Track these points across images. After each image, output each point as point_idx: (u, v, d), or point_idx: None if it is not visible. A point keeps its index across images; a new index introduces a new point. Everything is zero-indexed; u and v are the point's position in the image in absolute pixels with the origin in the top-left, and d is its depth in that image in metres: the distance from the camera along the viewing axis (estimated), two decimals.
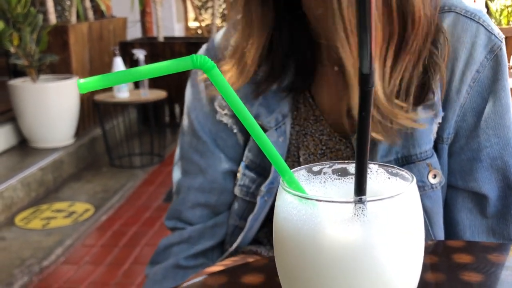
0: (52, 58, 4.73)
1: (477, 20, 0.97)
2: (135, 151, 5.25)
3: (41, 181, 4.33)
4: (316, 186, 0.57)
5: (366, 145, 0.46)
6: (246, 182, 1.08)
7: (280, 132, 1.03)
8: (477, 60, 0.96)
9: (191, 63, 0.45)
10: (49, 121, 4.73)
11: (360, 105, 0.43)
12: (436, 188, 0.99)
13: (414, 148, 0.97)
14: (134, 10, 6.34)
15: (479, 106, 0.98)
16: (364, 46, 0.39)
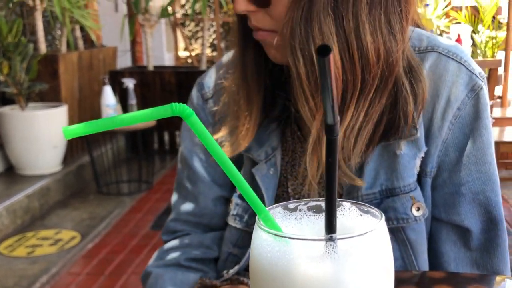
0: (41, 87, 4.76)
1: (459, 60, 1.01)
2: (123, 178, 5.25)
3: (27, 209, 4.32)
4: (292, 223, 0.60)
5: (334, 187, 0.50)
6: (239, 211, 1.10)
7: (270, 164, 1.06)
8: (458, 98, 0.99)
9: (170, 111, 0.48)
10: (37, 149, 4.74)
11: (327, 152, 0.47)
12: (419, 221, 1.01)
13: (398, 181, 1.00)
14: (124, 39, 6.40)
15: (461, 142, 1.01)
16: (327, 100, 0.44)
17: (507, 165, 4.96)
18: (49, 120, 4.80)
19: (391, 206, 1.00)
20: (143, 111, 0.49)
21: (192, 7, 6.19)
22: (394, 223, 1.00)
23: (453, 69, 1.00)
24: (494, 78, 3.24)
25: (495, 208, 1.02)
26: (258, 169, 1.06)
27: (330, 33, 0.90)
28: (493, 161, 1.03)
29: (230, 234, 1.12)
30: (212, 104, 1.15)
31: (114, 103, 4.90)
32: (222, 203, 1.16)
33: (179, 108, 0.48)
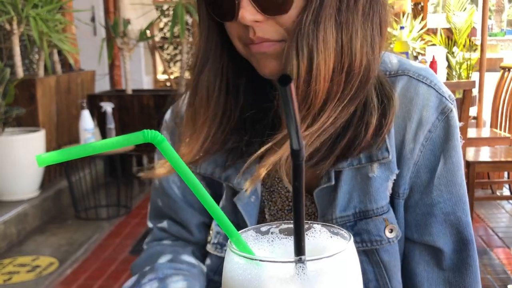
0: (18, 111, 4.73)
1: (429, 83, 1.03)
2: (102, 203, 5.21)
3: (3, 235, 4.26)
4: (264, 245, 0.61)
5: (301, 210, 0.51)
6: (220, 240, 1.10)
7: (251, 193, 1.06)
8: (429, 120, 1.01)
9: (142, 137, 0.49)
10: (14, 174, 4.69)
11: (293, 176, 0.48)
12: (393, 242, 1.02)
13: (371, 204, 1.01)
14: (102, 63, 6.40)
15: (432, 163, 1.03)
16: (292, 127, 0.45)
17: (483, 184, 5.03)
18: (27, 145, 4.76)
19: (365, 229, 1.01)
20: (116, 138, 0.49)
21: (170, 31, 6.23)
22: (368, 245, 1.01)
23: (423, 92, 1.02)
24: (468, 99, 3.29)
25: (466, 228, 1.04)
26: (239, 198, 1.06)
27: (332, 39, 0.92)
28: (463, 182, 1.05)
29: (211, 262, 1.12)
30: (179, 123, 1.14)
31: (92, 127, 4.88)
32: (206, 229, 1.15)
33: (150, 134, 0.49)
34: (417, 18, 6.64)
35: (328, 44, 0.92)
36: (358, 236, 1.02)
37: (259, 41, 0.94)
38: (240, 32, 0.96)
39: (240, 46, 0.99)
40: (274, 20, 0.93)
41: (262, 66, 0.97)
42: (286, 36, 0.94)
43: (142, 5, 6.34)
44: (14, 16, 4.98)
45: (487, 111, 5.18)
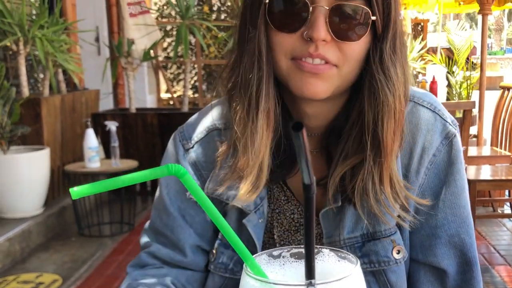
0: (23, 130, 4.78)
1: (433, 109, 1.08)
2: (105, 220, 5.24)
3: (7, 252, 4.29)
4: (276, 269, 0.65)
5: (312, 237, 0.56)
6: (224, 259, 1.10)
7: (259, 214, 1.08)
8: (433, 145, 1.06)
9: (167, 170, 0.54)
10: (19, 192, 4.73)
11: (305, 208, 0.54)
12: (400, 263, 1.05)
13: (379, 225, 1.04)
14: (106, 82, 6.48)
15: (437, 186, 1.07)
16: (303, 164, 0.51)
17: (484, 202, 5.06)
18: (32, 163, 4.81)
19: (373, 250, 1.04)
20: (143, 172, 0.54)
21: (174, 51, 6.31)
22: (375, 266, 1.04)
23: (428, 117, 1.07)
24: (468, 119, 3.35)
25: (469, 250, 1.07)
26: (249, 220, 1.07)
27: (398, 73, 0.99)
28: (467, 204, 1.08)
29: (213, 282, 1.13)
30: (193, 155, 1.14)
31: (96, 146, 4.93)
32: (200, 252, 1.14)
33: (174, 168, 0.54)
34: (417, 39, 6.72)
35: (397, 79, 0.98)
36: (366, 257, 1.04)
37: (318, 57, 0.96)
38: (295, 46, 0.97)
39: (286, 60, 0.99)
40: (338, 44, 0.96)
41: (306, 84, 0.98)
42: (343, 63, 0.97)
43: (146, 26, 6.43)
44: (20, 37, 5.06)
45: (487, 130, 5.23)
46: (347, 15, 0.95)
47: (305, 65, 0.97)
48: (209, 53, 8.51)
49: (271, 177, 1.07)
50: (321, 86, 0.98)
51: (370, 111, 0.99)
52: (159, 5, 9.68)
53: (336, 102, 1.07)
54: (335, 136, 1.07)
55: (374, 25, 0.97)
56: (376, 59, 0.98)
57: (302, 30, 0.96)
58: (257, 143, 1.01)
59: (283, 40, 0.98)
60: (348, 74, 1.00)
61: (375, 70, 0.98)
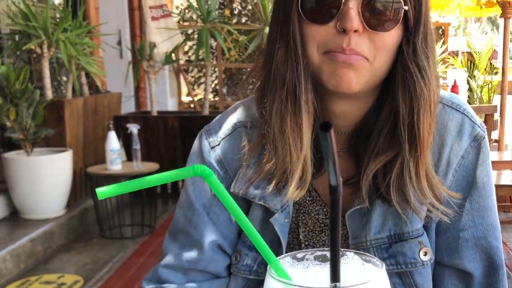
0: (47, 132, 4.84)
1: (462, 111, 1.07)
2: (126, 222, 5.28)
3: (30, 253, 4.35)
4: (299, 271, 0.65)
5: (337, 239, 0.56)
6: (248, 261, 1.10)
7: (285, 214, 1.07)
8: (462, 147, 1.05)
9: (192, 171, 0.55)
10: (42, 193, 4.79)
11: (331, 209, 0.54)
12: (426, 265, 1.04)
13: (407, 226, 1.03)
14: (128, 85, 6.54)
15: (464, 188, 1.06)
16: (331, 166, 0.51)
17: (505, 208, 4.99)
18: (54, 165, 4.87)
19: (400, 251, 1.03)
20: (169, 173, 0.55)
21: (195, 54, 6.34)
22: (402, 267, 1.03)
23: (457, 119, 1.06)
24: (490, 123, 3.32)
25: (496, 253, 1.06)
26: (276, 219, 1.06)
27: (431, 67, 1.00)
28: (494, 207, 1.08)
29: (236, 285, 1.12)
30: (219, 151, 1.14)
31: (118, 148, 4.98)
32: (220, 252, 1.14)
33: (200, 169, 0.55)
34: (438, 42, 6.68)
35: (431, 72, 0.99)
36: (392, 259, 1.04)
37: (350, 53, 0.96)
38: (327, 38, 0.98)
39: (318, 55, 0.99)
40: (370, 35, 0.96)
41: (339, 76, 0.98)
42: (374, 56, 0.98)
43: (168, 29, 6.47)
44: (44, 40, 5.13)
45: (509, 135, 5.17)
46: (379, 5, 0.95)
47: (340, 57, 0.97)
48: (229, 57, 8.54)
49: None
50: (354, 78, 0.98)
51: (405, 105, 1.00)
52: (180, 8, 9.74)
53: (365, 101, 1.07)
54: (364, 135, 1.06)
55: (406, 17, 0.97)
56: (410, 52, 0.99)
57: (334, 21, 0.96)
58: (302, 136, 1.01)
59: (316, 32, 0.98)
60: (379, 67, 1.00)
61: (409, 63, 0.98)
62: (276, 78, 1.02)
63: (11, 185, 4.81)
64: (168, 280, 1.14)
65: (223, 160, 1.13)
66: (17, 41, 5.36)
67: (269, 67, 1.04)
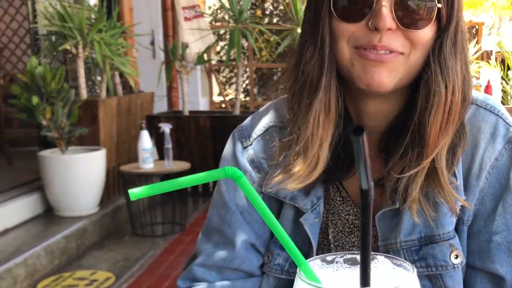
0: (81, 131, 4.92)
1: (496, 113, 1.05)
2: (157, 220, 5.33)
3: (64, 249, 4.42)
4: (329, 274, 0.65)
5: (368, 243, 0.57)
6: (280, 261, 1.10)
7: (315, 214, 1.07)
8: (496, 149, 1.03)
9: (223, 173, 0.56)
10: (76, 191, 4.87)
11: (362, 213, 0.55)
12: (457, 268, 1.03)
13: (437, 229, 1.02)
14: (161, 85, 6.60)
15: (497, 191, 1.04)
16: (362, 170, 0.52)
17: None
18: (88, 163, 4.95)
19: (431, 253, 1.02)
20: (200, 174, 0.56)
21: (227, 54, 6.37)
22: (432, 270, 1.02)
23: (491, 121, 1.04)
24: None
25: None
26: (306, 219, 1.06)
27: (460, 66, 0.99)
28: None
29: (268, 284, 1.13)
30: (251, 151, 1.14)
31: (150, 147, 5.03)
32: (253, 251, 1.14)
33: (231, 171, 0.56)
34: (472, 42, 6.58)
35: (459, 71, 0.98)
36: (423, 261, 1.03)
37: (382, 49, 0.96)
38: (359, 35, 0.97)
39: (349, 49, 0.99)
40: (404, 32, 0.96)
41: (370, 74, 0.97)
42: (409, 50, 0.97)
43: (200, 30, 6.52)
44: (80, 41, 5.22)
45: None
46: (412, 3, 0.95)
47: (369, 55, 0.96)
48: (261, 57, 8.56)
49: (328, 177, 1.08)
50: (386, 76, 0.97)
51: (421, 102, 0.99)
52: (213, 9, 9.79)
53: (397, 100, 1.06)
54: (395, 135, 1.05)
55: (439, 14, 0.97)
56: (436, 49, 0.98)
57: (366, 19, 0.96)
58: (315, 135, 1.02)
59: (347, 29, 0.98)
60: (414, 63, 0.99)
61: (432, 60, 0.98)
62: (303, 77, 1.03)
63: (46, 183, 4.91)
64: (203, 279, 1.14)
65: (255, 160, 1.14)
66: (53, 42, 5.46)
67: (298, 67, 1.05)
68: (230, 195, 1.15)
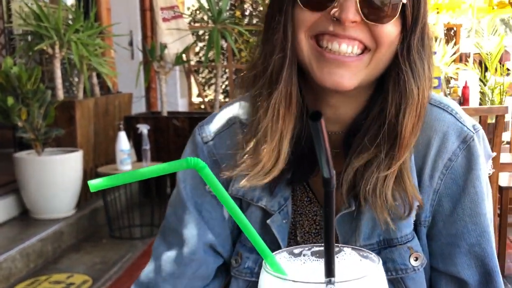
0: (58, 132, 4.86)
1: (450, 111, 1.04)
2: (136, 222, 5.29)
3: (40, 252, 4.36)
4: (297, 267, 0.65)
5: (331, 234, 0.56)
6: (249, 264, 1.09)
7: (283, 215, 1.06)
8: (449, 149, 1.02)
9: (186, 164, 0.55)
10: (52, 193, 4.81)
11: (324, 202, 0.53)
12: (418, 270, 1.02)
13: (395, 232, 1.01)
14: (139, 86, 6.55)
15: (454, 192, 1.03)
16: (323, 157, 0.50)
17: None
18: (65, 165, 4.89)
19: (390, 258, 1.01)
20: (162, 165, 0.55)
21: (206, 55, 6.35)
22: (393, 274, 1.01)
23: (444, 120, 1.03)
24: (501, 124, 3.28)
25: (491, 260, 1.03)
26: (273, 221, 1.05)
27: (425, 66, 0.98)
28: (487, 213, 1.04)
29: (238, 287, 1.11)
30: (212, 147, 1.13)
31: (128, 148, 4.99)
32: (211, 253, 1.12)
33: (193, 161, 0.54)
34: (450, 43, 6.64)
35: (424, 73, 0.98)
36: (383, 265, 1.02)
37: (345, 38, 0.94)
38: (321, 24, 0.95)
39: (308, 41, 0.97)
40: (369, 26, 0.95)
41: (328, 75, 0.96)
42: (375, 45, 0.96)
43: (179, 30, 6.48)
44: (56, 41, 5.15)
45: None
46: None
47: (326, 54, 0.95)
48: (240, 58, 8.54)
49: (293, 178, 1.06)
50: (348, 78, 0.96)
51: (393, 103, 0.98)
52: (191, 10, 9.76)
53: (358, 99, 1.05)
54: (360, 135, 1.04)
55: (404, 13, 0.96)
56: (404, 50, 0.97)
57: (329, 9, 0.94)
58: (276, 127, 1.00)
59: (308, 17, 0.96)
60: (380, 60, 0.98)
61: (401, 62, 0.97)
62: (266, 70, 1.02)
63: (22, 185, 4.83)
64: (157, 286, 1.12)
65: (216, 155, 1.12)
66: (29, 42, 5.39)
67: (261, 60, 1.03)
68: (188, 193, 1.13)
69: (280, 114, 1.00)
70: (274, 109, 1.00)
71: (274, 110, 1.00)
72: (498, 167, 3.33)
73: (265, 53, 1.02)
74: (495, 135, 3.29)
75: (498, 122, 3.28)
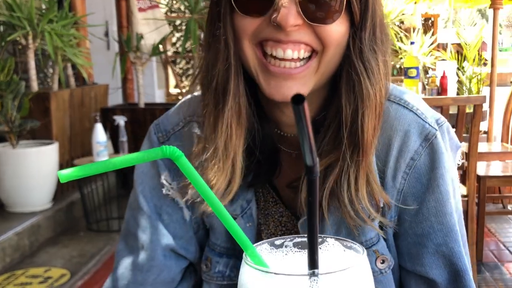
0: (32, 124, 4.79)
1: (411, 108, 1.00)
2: (113, 215, 5.24)
3: (16, 246, 4.30)
4: (278, 258, 0.63)
5: (315, 224, 0.54)
6: (220, 268, 1.07)
7: (247, 218, 1.03)
8: (411, 148, 0.98)
9: (161, 153, 0.52)
10: (28, 186, 4.74)
11: (308, 191, 0.51)
12: (385, 273, 1.01)
13: (359, 237, 0.99)
14: (115, 77, 6.47)
15: (419, 192, 1.00)
16: (306, 144, 0.48)
17: (494, 199, 5.01)
18: (40, 158, 4.82)
19: None
20: (135, 154, 0.52)
21: (183, 45, 6.29)
22: None
23: (405, 118, 0.99)
24: (479, 114, 3.30)
25: (459, 259, 1.01)
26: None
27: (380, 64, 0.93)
28: (453, 212, 1.01)
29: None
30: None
31: (105, 140, 4.93)
32: (172, 256, 1.09)
33: (169, 150, 0.52)
34: (428, 33, 6.67)
35: (379, 70, 0.93)
36: None
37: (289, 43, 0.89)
38: (263, 30, 0.90)
39: (253, 49, 0.93)
40: (314, 28, 0.89)
41: (275, 88, 0.92)
42: (322, 47, 0.91)
43: (155, 20, 6.41)
44: (29, 31, 5.06)
45: (498, 126, 5.18)
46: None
47: (270, 67, 0.91)
48: None
49: (252, 181, 1.03)
50: (295, 88, 0.92)
51: (348, 105, 0.93)
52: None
53: (314, 100, 1.01)
54: (319, 137, 0.99)
55: (350, 8, 0.91)
56: (356, 49, 0.92)
57: (269, 13, 0.88)
58: (228, 145, 0.96)
59: (248, 24, 0.91)
60: (329, 61, 0.93)
61: (354, 61, 0.92)
62: (212, 82, 0.96)
63: None
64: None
65: None
66: (1, 32, 5.28)
67: (206, 71, 0.98)
68: (146, 196, 1.09)
69: (233, 130, 0.96)
70: (227, 127, 0.95)
71: (227, 127, 0.95)
72: (475, 156, 3.36)
73: (207, 63, 0.97)
74: (473, 124, 3.32)
75: (476, 112, 3.30)
